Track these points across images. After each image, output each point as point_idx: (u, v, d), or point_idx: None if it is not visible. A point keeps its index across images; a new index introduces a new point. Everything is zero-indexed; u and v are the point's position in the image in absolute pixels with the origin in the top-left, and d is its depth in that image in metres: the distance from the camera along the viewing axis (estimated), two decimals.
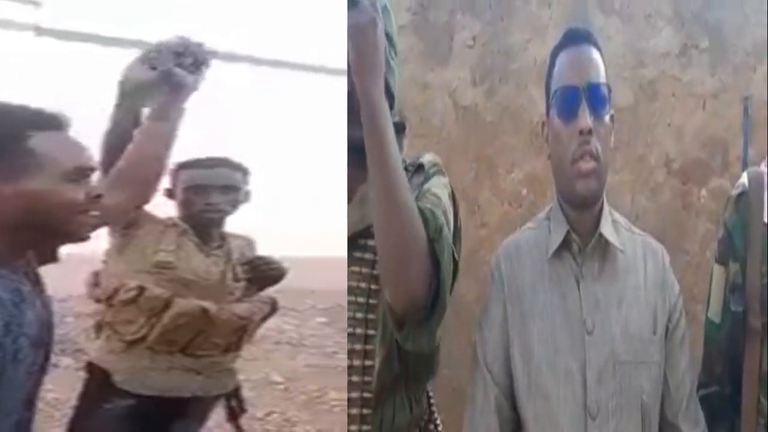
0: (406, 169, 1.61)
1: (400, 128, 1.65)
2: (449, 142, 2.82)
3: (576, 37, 1.47)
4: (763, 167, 1.56)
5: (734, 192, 1.57)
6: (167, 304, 2.00)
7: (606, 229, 1.46)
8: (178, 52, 1.78)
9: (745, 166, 1.62)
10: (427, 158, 1.63)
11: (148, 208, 2.01)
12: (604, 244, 1.46)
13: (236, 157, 2.24)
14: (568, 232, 1.46)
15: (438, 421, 1.69)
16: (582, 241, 1.46)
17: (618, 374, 1.41)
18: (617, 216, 1.53)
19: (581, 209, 1.45)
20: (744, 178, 1.56)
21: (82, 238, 1.37)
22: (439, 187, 1.56)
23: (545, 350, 1.43)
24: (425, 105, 2.84)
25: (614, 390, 1.41)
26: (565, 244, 1.46)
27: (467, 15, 2.84)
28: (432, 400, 1.70)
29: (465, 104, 2.83)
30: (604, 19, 2.74)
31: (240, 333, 2.14)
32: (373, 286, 1.52)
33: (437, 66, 2.85)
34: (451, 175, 2.71)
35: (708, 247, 2.50)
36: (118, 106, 1.87)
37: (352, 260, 1.53)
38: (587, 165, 1.39)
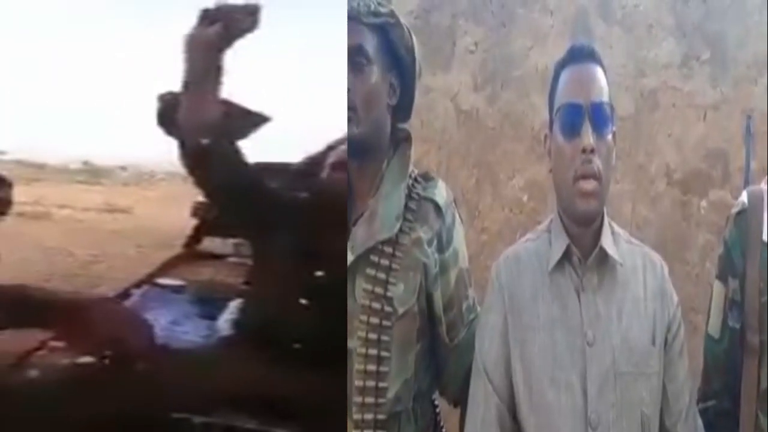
0: (415, 179, 1.63)
1: (402, 135, 1.66)
2: (450, 147, 2.84)
3: (580, 54, 1.48)
4: (763, 185, 1.57)
5: (734, 210, 1.59)
6: None
7: (607, 242, 1.47)
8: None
9: (747, 183, 1.63)
10: (442, 193, 1.64)
11: None
12: (604, 257, 1.47)
13: None
14: (568, 245, 1.47)
15: (444, 430, 1.71)
16: (582, 253, 1.47)
17: (618, 385, 1.42)
18: (617, 228, 1.54)
19: (582, 225, 1.46)
20: (744, 197, 1.58)
21: None
22: (461, 244, 1.63)
23: (546, 362, 1.44)
24: (427, 109, 2.85)
25: (614, 401, 1.41)
26: (566, 257, 1.47)
27: (470, 20, 2.85)
28: (438, 409, 1.72)
29: (466, 109, 2.84)
30: (606, 28, 2.76)
31: None
32: (387, 308, 1.53)
33: (439, 70, 2.86)
34: (452, 180, 2.75)
35: (708, 257, 2.52)
36: None
37: (363, 278, 1.54)
38: (588, 186, 1.40)
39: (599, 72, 1.46)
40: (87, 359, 1.85)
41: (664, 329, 1.48)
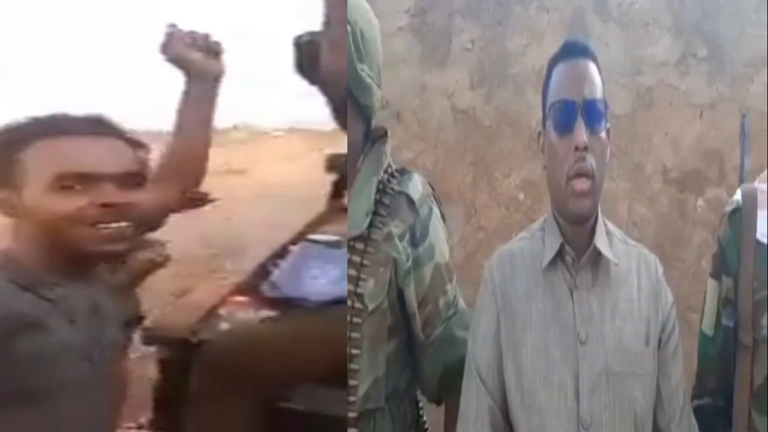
0: (391, 174, 1.61)
1: (380, 133, 1.64)
2: (447, 146, 2.83)
3: (574, 50, 1.45)
4: (756, 184, 1.57)
5: (728, 208, 1.58)
6: None
7: (600, 242, 1.45)
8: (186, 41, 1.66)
9: (741, 181, 1.62)
10: (416, 187, 1.61)
11: None
12: (598, 256, 1.45)
13: None
14: (562, 244, 1.46)
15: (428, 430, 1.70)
16: (576, 252, 1.46)
17: (611, 386, 1.41)
18: (611, 227, 1.53)
19: (575, 224, 1.45)
20: (738, 195, 1.57)
21: (102, 254, 1.29)
22: (439, 239, 1.60)
23: (538, 362, 1.43)
24: (423, 107, 2.85)
25: (607, 402, 1.40)
26: (559, 256, 1.46)
27: (466, 18, 2.84)
28: (421, 411, 1.70)
29: (463, 108, 2.83)
30: (603, 26, 2.75)
31: None
32: (357, 304, 1.52)
33: (435, 68, 2.86)
34: (449, 178, 2.75)
35: (704, 256, 2.52)
36: None
37: None
38: (582, 186, 1.38)
39: (593, 68, 1.43)
40: (269, 312, 2.04)
41: (658, 330, 1.47)
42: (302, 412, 1.83)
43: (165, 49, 1.65)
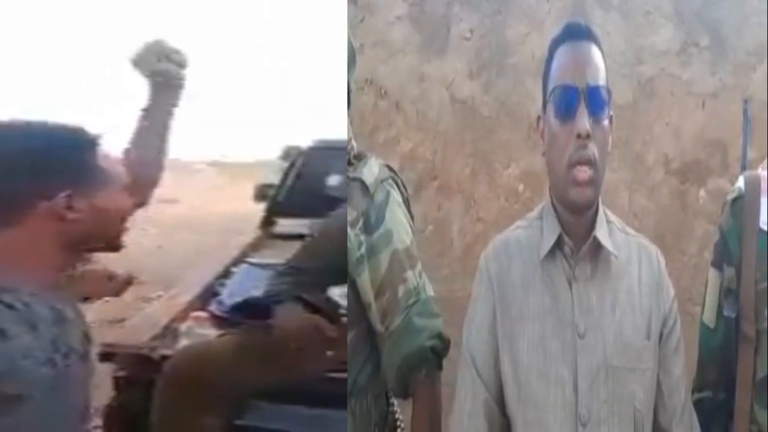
0: (348, 162, 1.56)
1: None
2: (446, 137, 2.81)
3: (576, 32, 1.40)
4: (759, 171, 1.53)
5: (730, 196, 1.55)
6: None
7: (601, 232, 1.41)
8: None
9: (744, 169, 1.59)
10: (371, 171, 1.56)
11: None
12: (598, 247, 1.42)
13: None
14: (560, 234, 1.42)
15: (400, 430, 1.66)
16: (575, 243, 1.42)
17: (610, 380, 1.37)
18: (612, 217, 1.49)
19: (575, 213, 1.41)
20: (740, 182, 1.54)
21: (121, 246, 1.38)
22: (398, 224, 1.54)
23: (535, 354, 1.39)
24: (422, 97, 2.82)
25: (606, 397, 1.37)
26: (558, 246, 1.42)
27: (465, 7, 2.81)
28: (393, 407, 1.66)
29: (462, 98, 2.80)
30: (603, 14, 2.71)
31: None
32: None
33: (434, 58, 2.82)
34: (447, 169, 2.72)
35: (706, 248, 2.49)
36: None
37: None
38: (583, 174, 1.33)
39: (596, 52, 1.38)
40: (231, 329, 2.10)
41: (659, 324, 1.44)
42: (260, 429, 1.86)
43: (140, 60, 1.67)
